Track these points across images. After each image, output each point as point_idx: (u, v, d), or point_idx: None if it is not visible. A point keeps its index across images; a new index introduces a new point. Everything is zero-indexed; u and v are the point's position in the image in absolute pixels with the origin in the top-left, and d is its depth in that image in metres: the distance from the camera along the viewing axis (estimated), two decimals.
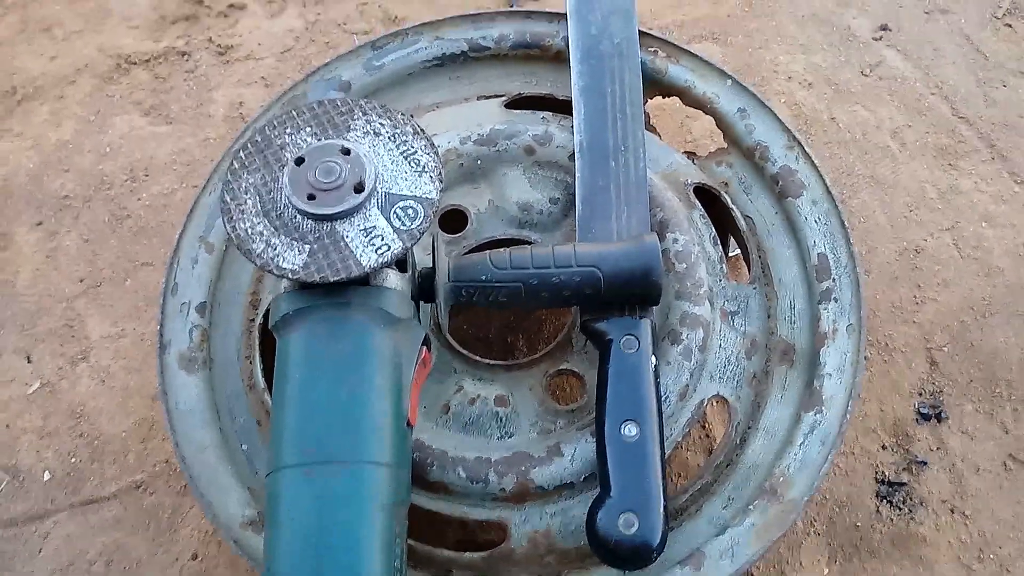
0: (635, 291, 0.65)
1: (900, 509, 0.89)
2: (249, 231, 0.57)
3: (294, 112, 0.61)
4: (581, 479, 0.67)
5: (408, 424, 0.58)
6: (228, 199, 0.58)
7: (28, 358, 1.00)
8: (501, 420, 0.72)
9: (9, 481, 0.92)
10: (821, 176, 0.77)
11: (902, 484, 0.90)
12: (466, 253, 0.77)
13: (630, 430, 0.63)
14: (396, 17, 1.25)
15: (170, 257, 0.76)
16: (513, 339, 0.98)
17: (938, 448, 0.92)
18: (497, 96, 0.84)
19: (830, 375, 0.70)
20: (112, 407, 0.97)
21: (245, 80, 1.20)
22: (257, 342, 0.75)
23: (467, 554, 0.69)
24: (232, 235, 0.57)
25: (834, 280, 0.73)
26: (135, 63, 1.21)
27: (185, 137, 1.15)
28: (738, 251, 0.85)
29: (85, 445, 0.95)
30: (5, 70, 1.21)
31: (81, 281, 1.05)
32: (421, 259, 0.72)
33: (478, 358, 0.74)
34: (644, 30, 0.83)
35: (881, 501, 0.90)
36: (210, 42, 1.23)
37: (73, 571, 0.88)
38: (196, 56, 1.22)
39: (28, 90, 1.19)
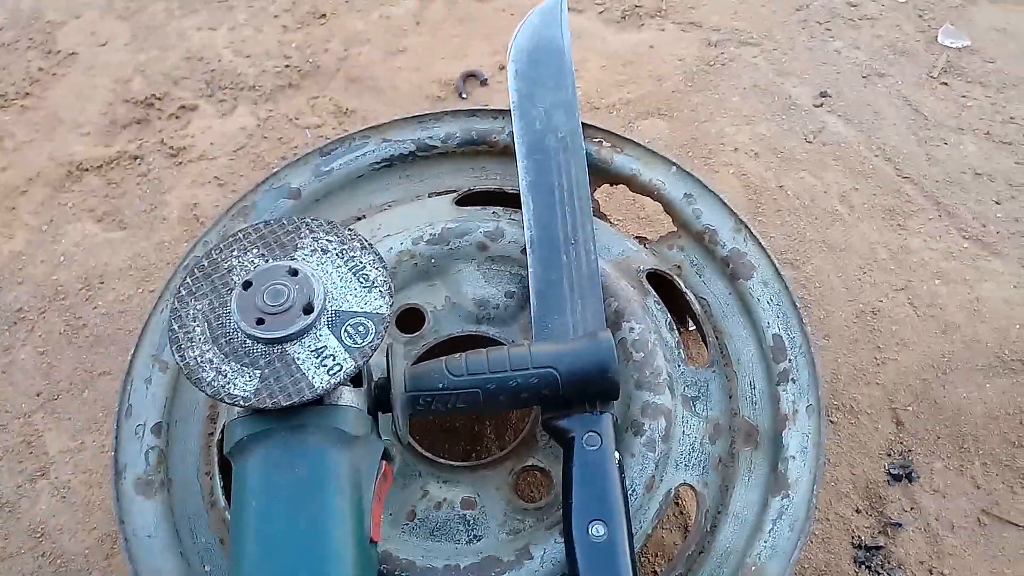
0: (593, 388, 0.65)
1: (879, 573, 0.89)
2: (198, 359, 0.56)
3: (240, 234, 0.61)
4: None
5: (372, 541, 0.57)
6: (176, 327, 0.58)
7: None
8: (469, 523, 0.70)
9: None
10: (770, 257, 0.78)
11: (879, 548, 0.90)
12: (424, 352, 0.76)
13: (598, 530, 0.62)
14: (347, 109, 1.27)
15: (123, 379, 0.75)
16: (480, 428, 0.97)
17: (912, 508, 0.92)
18: (448, 192, 0.85)
19: (794, 457, 0.70)
20: (73, 524, 0.94)
21: (199, 181, 1.20)
22: (216, 458, 0.73)
23: None
24: (181, 364, 0.56)
25: (790, 361, 0.73)
26: (87, 169, 1.21)
27: (140, 242, 1.14)
28: (695, 327, 0.85)
29: (48, 564, 0.92)
30: None
31: (38, 395, 1.03)
32: (378, 361, 0.71)
33: (442, 460, 0.73)
34: (587, 121, 0.85)
35: (860, 567, 0.89)
36: (162, 144, 1.24)
37: None
38: (149, 159, 1.22)
39: None
